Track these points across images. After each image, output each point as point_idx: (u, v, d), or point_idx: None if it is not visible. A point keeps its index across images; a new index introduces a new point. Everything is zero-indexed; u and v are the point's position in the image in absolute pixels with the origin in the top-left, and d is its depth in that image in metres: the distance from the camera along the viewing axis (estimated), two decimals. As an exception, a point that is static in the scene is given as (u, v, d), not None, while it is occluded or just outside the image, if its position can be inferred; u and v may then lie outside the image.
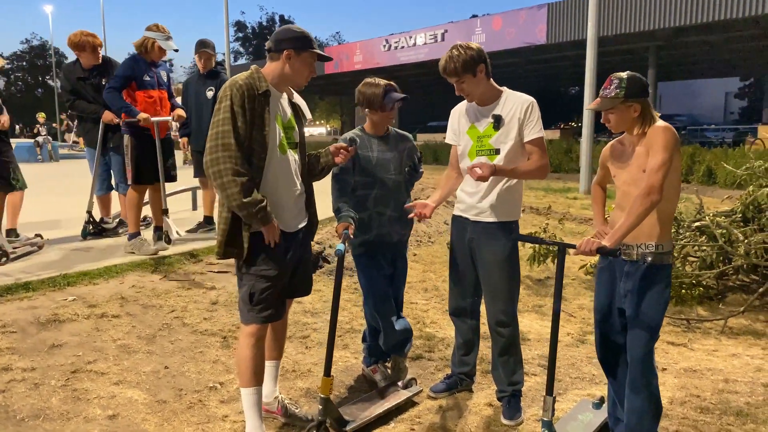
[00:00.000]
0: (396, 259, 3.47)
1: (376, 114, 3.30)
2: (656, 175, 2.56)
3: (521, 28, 24.33)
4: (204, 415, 3.14)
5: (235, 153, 2.58)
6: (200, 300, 4.48)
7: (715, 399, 3.53)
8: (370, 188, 3.31)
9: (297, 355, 3.90)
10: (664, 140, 2.59)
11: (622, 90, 2.64)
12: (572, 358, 4.15)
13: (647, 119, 2.68)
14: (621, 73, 2.71)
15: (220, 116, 2.62)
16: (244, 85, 2.64)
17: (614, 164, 2.86)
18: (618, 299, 2.83)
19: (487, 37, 25.29)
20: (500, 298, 3.24)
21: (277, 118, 2.76)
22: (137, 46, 5.32)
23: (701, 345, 4.47)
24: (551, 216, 7.87)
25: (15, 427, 2.88)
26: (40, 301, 4.12)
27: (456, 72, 3.02)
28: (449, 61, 3.03)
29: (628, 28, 20.62)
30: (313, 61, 2.80)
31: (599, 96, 2.74)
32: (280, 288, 2.81)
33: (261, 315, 2.77)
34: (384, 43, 30.76)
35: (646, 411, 2.78)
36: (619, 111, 2.69)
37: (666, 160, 2.57)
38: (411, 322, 4.57)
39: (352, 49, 33.40)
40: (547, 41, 23.54)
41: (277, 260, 2.75)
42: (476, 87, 3.08)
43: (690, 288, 5.31)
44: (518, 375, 3.34)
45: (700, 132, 29.17)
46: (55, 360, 3.47)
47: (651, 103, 2.73)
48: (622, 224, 2.61)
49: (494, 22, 25.51)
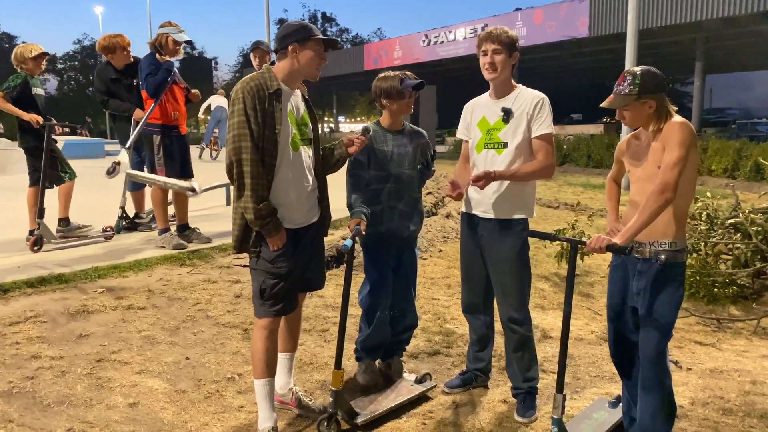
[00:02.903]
0: (403, 252, 3.47)
1: (395, 103, 3.31)
2: (671, 173, 2.50)
3: (562, 21, 23.94)
4: (221, 405, 3.22)
5: (252, 156, 2.65)
6: (225, 293, 4.58)
7: (739, 401, 3.43)
8: (385, 182, 3.32)
9: (315, 348, 3.95)
10: (680, 136, 2.53)
11: (636, 86, 2.58)
12: (594, 356, 4.10)
13: (663, 115, 2.61)
14: (635, 68, 2.64)
15: (235, 119, 2.68)
16: (255, 86, 2.69)
17: (629, 159, 2.81)
18: (630, 297, 2.79)
19: (528, 30, 24.97)
20: (512, 295, 3.22)
21: (289, 116, 2.81)
22: (152, 44, 5.47)
23: (730, 345, 4.35)
24: (579, 212, 7.74)
25: (41, 412, 3.01)
26: (72, 292, 4.28)
27: (501, 40, 3.03)
28: (497, 29, 3.06)
29: (673, 19, 20.07)
30: (320, 48, 2.82)
31: (613, 92, 2.69)
32: (290, 283, 2.86)
33: (272, 309, 2.83)
34: (423, 38, 30.67)
35: (659, 411, 2.73)
36: (633, 108, 2.63)
37: (682, 157, 2.51)
38: (431, 317, 4.60)
39: (392, 45, 33.43)
40: (589, 34, 23.09)
41: (287, 258, 2.80)
42: (504, 68, 3.08)
43: (723, 286, 5.17)
44: (533, 372, 3.32)
45: (750, 126, 28.13)
46: (82, 349, 3.61)
47: (667, 98, 2.64)
48: (634, 222, 2.57)
49: (535, 15, 25.18)
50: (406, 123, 3.47)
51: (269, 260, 2.79)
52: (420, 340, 4.18)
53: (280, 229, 2.76)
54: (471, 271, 3.36)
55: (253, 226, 2.73)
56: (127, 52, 6.08)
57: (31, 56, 5.60)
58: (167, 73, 5.30)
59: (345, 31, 78.55)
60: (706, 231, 5.41)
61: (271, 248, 2.76)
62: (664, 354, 2.70)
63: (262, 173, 2.69)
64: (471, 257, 3.34)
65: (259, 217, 2.68)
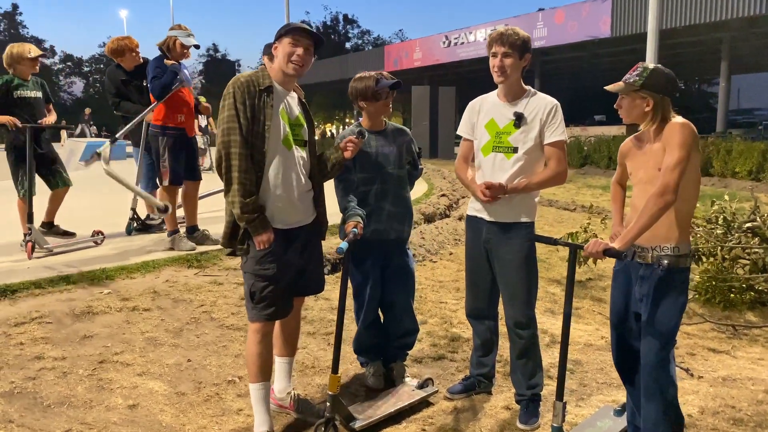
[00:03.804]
0: (392, 255, 3.42)
1: (372, 105, 3.29)
2: (671, 174, 2.44)
3: (584, 21, 23.72)
4: (219, 408, 3.21)
5: (241, 150, 2.66)
6: (230, 295, 4.58)
7: (751, 410, 3.33)
8: (371, 184, 3.30)
9: (318, 352, 3.92)
10: (680, 137, 2.46)
11: (641, 79, 2.53)
12: (602, 362, 4.01)
13: (658, 118, 2.55)
14: (649, 63, 2.60)
15: (225, 114, 2.69)
16: (245, 81, 2.71)
17: (631, 162, 2.75)
18: (634, 303, 2.71)
19: (549, 31, 24.81)
20: (518, 300, 3.16)
21: (282, 115, 2.79)
22: (160, 45, 5.49)
23: (745, 353, 4.22)
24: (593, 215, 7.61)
25: (41, 413, 3.02)
26: (78, 293, 4.32)
27: (511, 42, 2.94)
28: (508, 30, 2.98)
29: (698, 18, 19.74)
30: (295, 42, 2.74)
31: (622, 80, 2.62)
32: (282, 286, 2.83)
33: (264, 313, 2.81)
34: (443, 39, 30.61)
35: (661, 420, 2.65)
36: (630, 98, 2.58)
37: (682, 158, 2.44)
38: (438, 321, 4.55)
39: (412, 46, 33.42)
40: (611, 34, 22.83)
41: (275, 259, 2.77)
42: (514, 71, 3.01)
43: (740, 292, 5.03)
44: (537, 378, 3.25)
45: (779, 127, 27.58)
46: (85, 350, 3.63)
47: (670, 104, 2.57)
48: (633, 225, 2.50)
49: (556, 15, 25.00)
50: (387, 122, 3.45)
51: (256, 261, 2.77)
52: (425, 344, 4.13)
53: (268, 228, 2.73)
54: (476, 275, 3.31)
55: (239, 222, 2.72)
56: (136, 53, 6.13)
57: (30, 56, 5.50)
58: (173, 75, 5.32)
59: (366, 33, 78.95)
60: (722, 235, 5.27)
61: (257, 247, 2.74)
62: (667, 361, 2.62)
63: (250, 168, 2.68)
64: (476, 261, 3.28)
65: (246, 212, 2.66)
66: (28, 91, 5.60)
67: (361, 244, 3.24)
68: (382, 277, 3.41)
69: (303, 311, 4.38)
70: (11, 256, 5.32)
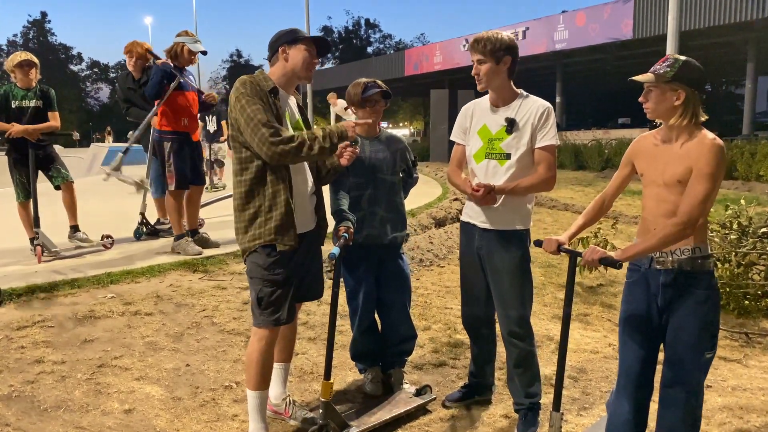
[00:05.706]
0: (386, 260, 3.39)
1: (360, 111, 3.29)
2: (698, 208, 2.28)
3: (606, 24, 23.42)
4: (215, 413, 3.20)
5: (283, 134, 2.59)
6: (233, 300, 4.58)
7: (760, 422, 3.22)
8: (364, 189, 3.28)
9: (318, 358, 3.89)
10: (714, 167, 2.27)
11: (673, 70, 2.36)
12: (608, 370, 3.91)
13: (689, 115, 2.36)
14: (681, 56, 2.44)
15: (243, 102, 2.61)
16: (251, 81, 2.67)
17: (645, 161, 2.56)
18: (656, 315, 2.52)
19: (570, 33, 24.56)
20: (513, 309, 3.09)
21: (286, 118, 2.78)
22: (167, 52, 5.53)
23: (758, 362, 4.09)
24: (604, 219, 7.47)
25: (38, 417, 3.04)
26: (82, 297, 4.36)
27: (483, 50, 2.89)
28: (483, 36, 2.92)
29: (722, 19, 19.35)
30: (310, 49, 2.77)
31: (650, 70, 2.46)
32: (289, 291, 2.80)
33: (271, 318, 2.77)
34: (464, 42, 30.46)
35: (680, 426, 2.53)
36: (659, 91, 2.40)
37: (712, 190, 2.28)
38: (441, 327, 4.49)
39: (432, 49, 33.34)
40: (633, 36, 22.51)
41: (283, 264, 2.75)
42: (492, 78, 2.94)
43: (755, 299, 4.88)
44: (536, 387, 3.18)
45: (807, 129, 26.95)
46: (85, 354, 3.65)
47: (701, 103, 2.40)
48: (643, 243, 2.37)
49: (577, 17, 24.71)
50: (383, 129, 3.44)
51: (264, 267, 2.74)
52: (427, 350, 4.08)
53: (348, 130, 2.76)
54: (470, 283, 3.25)
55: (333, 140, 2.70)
56: (140, 59, 6.14)
57: (13, 64, 5.56)
58: (161, 72, 5.34)
59: (388, 37, 79.14)
60: (736, 240, 5.13)
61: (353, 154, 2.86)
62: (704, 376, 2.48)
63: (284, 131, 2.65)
64: (470, 268, 3.22)
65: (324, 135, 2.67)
66: (26, 101, 5.67)
67: (355, 249, 3.21)
68: (377, 282, 3.38)
69: (305, 317, 4.37)
70: (19, 261, 5.39)
